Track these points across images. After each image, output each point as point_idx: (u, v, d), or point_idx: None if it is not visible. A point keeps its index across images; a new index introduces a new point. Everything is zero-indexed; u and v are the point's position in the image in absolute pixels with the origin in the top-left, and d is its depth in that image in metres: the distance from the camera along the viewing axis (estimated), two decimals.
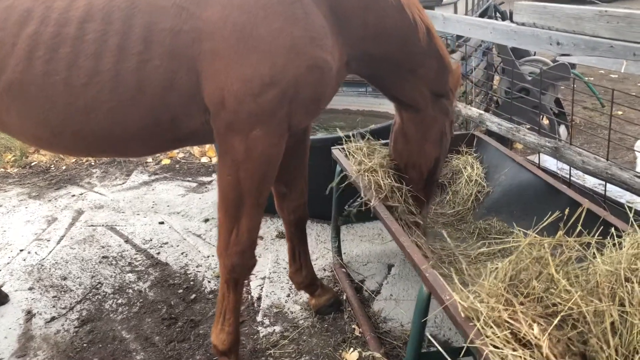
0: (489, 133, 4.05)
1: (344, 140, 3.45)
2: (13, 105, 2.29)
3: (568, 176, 3.45)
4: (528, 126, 4.94)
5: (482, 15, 6.08)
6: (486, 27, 3.44)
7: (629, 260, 1.90)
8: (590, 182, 3.69)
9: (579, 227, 2.09)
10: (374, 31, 2.45)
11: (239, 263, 2.49)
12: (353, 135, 3.50)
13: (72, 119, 2.26)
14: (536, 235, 2.00)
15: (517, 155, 3.58)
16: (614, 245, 2.10)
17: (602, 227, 2.37)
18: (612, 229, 2.29)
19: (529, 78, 5.10)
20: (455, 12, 5.29)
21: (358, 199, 3.07)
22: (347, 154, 3.30)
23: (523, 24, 3.16)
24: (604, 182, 3.04)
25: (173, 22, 2.21)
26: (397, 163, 2.99)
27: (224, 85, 2.24)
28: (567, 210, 2.28)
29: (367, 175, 3.00)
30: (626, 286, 1.81)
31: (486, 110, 5.58)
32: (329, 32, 2.32)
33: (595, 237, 2.26)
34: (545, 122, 5.25)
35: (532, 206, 3.07)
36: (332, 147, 3.51)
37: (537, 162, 3.68)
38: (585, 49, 2.77)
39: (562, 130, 5.21)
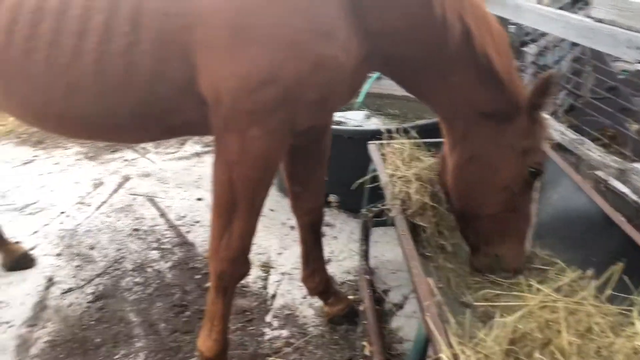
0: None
1: (384, 135, 3.14)
2: None
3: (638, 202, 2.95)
4: (611, 131, 4.36)
5: (575, 2, 5.39)
6: (559, 21, 2.96)
7: None
8: None
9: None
10: (390, 26, 2.07)
11: (227, 270, 2.30)
12: (397, 131, 3.17)
13: (54, 101, 2.11)
14: (550, 294, 1.64)
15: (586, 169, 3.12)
16: None
17: None
18: None
19: (621, 77, 4.47)
20: None
21: (380, 205, 2.76)
22: (385, 153, 2.98)
23: (600, 21, 2.66)
24: None
25: (162, 3, 1.98)
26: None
27: (219, 80, 2.00)
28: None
29: (400, 184, 2.68)
30: None
31: (569, 110, 5.00)
32: (342, 23, 1.99)
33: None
34: (635, 127, 4.61)
35: (583, 237, 2.63)
36: (368, 142, 3.19)
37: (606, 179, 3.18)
38: None
39: None
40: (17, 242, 3.65)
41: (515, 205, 2.30)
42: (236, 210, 2.21)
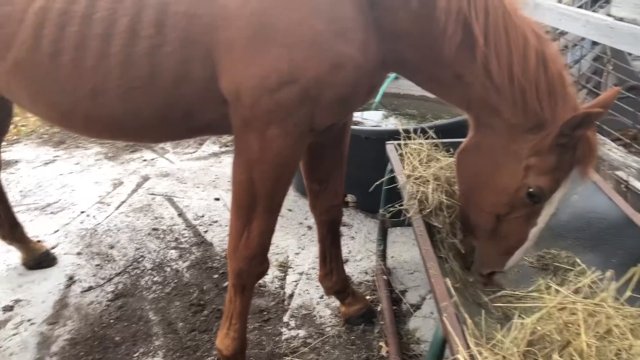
0: None
1: (402, 136, 3.13)
2: (22, 84, 2.21)
3: None
4: (632, 131, 4.30)
5: (595, 1, 5.33)
6: (579, 19, 2.93)
7: None
8: None
9: None
10: (404, 30, 2.04)
11: (246, 268, 2.31)
12: (415, 131, 3.15)
13: (80, 102, 2.15)
14: (569, 295, 1.63)
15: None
16: None
17: None
18: None
19: None
20: None
21: (397, 205, 2.75)
22: (402, 154, 2.97)
23: (621, 19, 2.63)
24: None
25: (187, 5, 2.01)
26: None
27: (240, 79, 2.02)
28: None
29: (417, 184, 2.67)
30: None
31: None
32: (361, 25, 2.00)
33: None
34: None
35: (604, 238, 2.60)
36: (386, 142, 3.19)
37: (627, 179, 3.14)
38: None
39: None
40: (38, 241, 3.70)
41: (508, 217, 2.18)
42: (255, 209, 2.22)
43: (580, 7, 4.58)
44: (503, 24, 1.97)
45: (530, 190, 2.09)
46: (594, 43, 5.16)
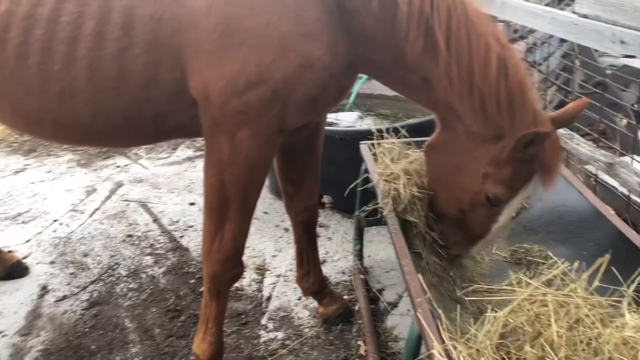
0: None
1: (374, 135, 3.14)
2: None
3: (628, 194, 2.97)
4: (601, 126, 4.39)
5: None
6: (545, 17, 2.98)
7: None
8: None
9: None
10: (370, 31, 2.05)
11: (220, 272, 2.30)
12: (387, 131, 3.17)
13: (48, 107, 2.12)
14: (540, 286, 1.65)
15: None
16: None
17: None
18: None
19: (609, 71, 4.50)
20: None
21: (371, 204, 2.77)
22: (376, 153, 2.99)
23: (585, 16, 2.68)
24: None
25: (154, 8, 2.00)
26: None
27: (209, 81, 2.02)
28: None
29: (389, 181, 2.69)
30: None
31: (559, 106, 5.02)
32: (328, 26, 2.01)
33: (631, 286, 1.88)
34: (624, 122, 4.64)
35: (574, 231, 2.65)
36: (360, 142, 3.20)
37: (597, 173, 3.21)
38: None
39: None
40: (10, 251, 3.63)
41: (470, 212, 2.24)
42: (228, 212, 2.21)
43: (547, 5, 4.66)
44: (465, 30, 1.98)
45: (488, 195, 2.15)
46: (562, 40, 5.26)
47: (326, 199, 4.15)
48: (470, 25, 1.98)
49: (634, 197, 2.93)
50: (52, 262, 3.66)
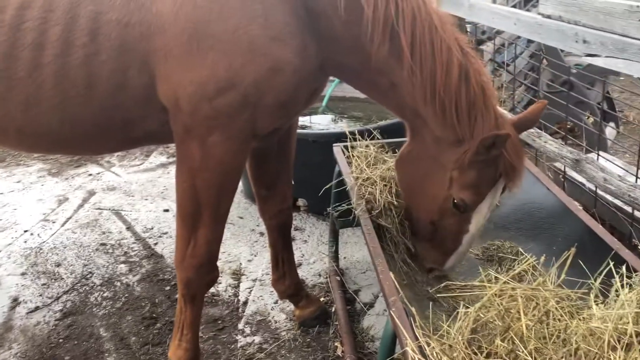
0: None
1: (348, 138, 3.17)
2: None
3: (596, 189, 3.04)
4: (569, 124, 4.49)
5: (528, 0, 5.53)
6: (510, 18, 3.04)
7: (620, 318, 1.56)
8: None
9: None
10: (337, 35, 2.07)
11: (194, 278, 2.29)
12: (361, 135, 3.19)
13: (12, 115, 2.09)
14: (509, 281, 1.69)
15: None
16: (623, 289, 1.77)
17: (614, 262, 2.03)
18: (624, 268, 1.95)
19: (574, 71, 4.60)
20: None
21: (345, 204, 2.78)
22: (350, 156, 3.01)
23: (549, 17, 2.75)
24: None
25: (120, 13, 1.99)
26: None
27: (178, 87, 2.02)
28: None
29: (365, 186, 2.70)
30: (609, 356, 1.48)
31: (528, 105, 5.11)
32: (297, 30, 2.02)
33: (598, 279, 1.93)
34: (591, 120, 4.75)
35: (543, 227, 2.71)
36: (334, 145, 3.22)
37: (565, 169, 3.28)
38: (614, 49, 2.36)
39: (609, 130, 4.69)
40: None
41: (441, 223, 2.25)
42: (201, 218, 2.21)
43: (514, 6, 4.75)
44: (429, 35, 2.01)
45: (455, 201, 2.17)
46: (529, 41, 5.36)
47: (301, 202, 4.16)
48: (434, 30, 2.02)
49: (600, 193, 3.00)
50: (23, 274, 3.60)
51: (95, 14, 1.99)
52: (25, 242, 3.97)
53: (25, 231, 4.11)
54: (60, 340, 3.02)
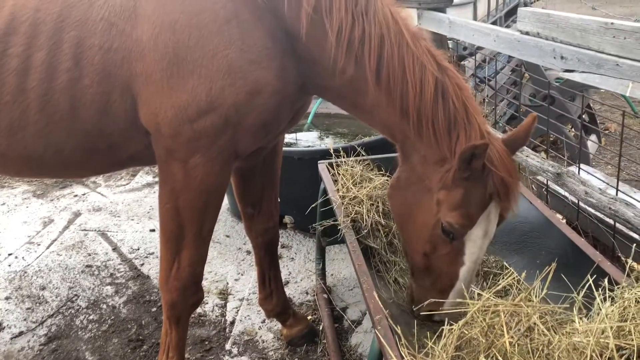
0: None
1: (333, 155, 3.18)
2: None
3: (579, 202, 3.07)
4: (552, 137, 4.54)
5: (509, 16, 5.62)
6: (490, 34, 3.09)
7: (602, 332, 1.58)
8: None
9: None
10: (312, 56, 2.08)
11: (179, 299, 2.28)
12: (346, 152, 3.20)
13: None
14: (492, 297, 1.70)
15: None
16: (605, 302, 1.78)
17: (596, 275, 2.05)
18: (606, 281, 1.97)
19: (555, 84, 4.67)
20: (475, 12, 4.89)
21: (331, 221, 2.79)
22: (336, 174, 3.02)
23: (527, 33, 2.80)
24: None
25: (102, 39, 2.00)
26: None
27: (159, 111, 2.03)
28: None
29: (352, 205, 2.70)
30: None
31: (511, 119, 5.18)
32: (276, 52, 2.04)
33: (581, 293, 1.95)
34: (573, 133, 4.81)
35: (528, 241, 2.72)
36: (318, 162, 3.23)
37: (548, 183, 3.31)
38: (590, 65, 2.40)
39: (591, 143, 4.76)
40: None
41: (434, 255, 2.11)
42: (184, 239, 2.21)
43: (494, 22, 4.82)
44: (399, 54, 1.98)
45: (444, 227, 2.03)
46: (510, 56, 5.44)
47: (288, 219, 4.16)
48: (404, 50, 1.99)
49: (582, 205, 3.04)
50: (7, 298, 3.56)
51: (79, 39, 2.01)
52: (10, 265, 3.93)
53: (10, 254, 4.07)
54: None
